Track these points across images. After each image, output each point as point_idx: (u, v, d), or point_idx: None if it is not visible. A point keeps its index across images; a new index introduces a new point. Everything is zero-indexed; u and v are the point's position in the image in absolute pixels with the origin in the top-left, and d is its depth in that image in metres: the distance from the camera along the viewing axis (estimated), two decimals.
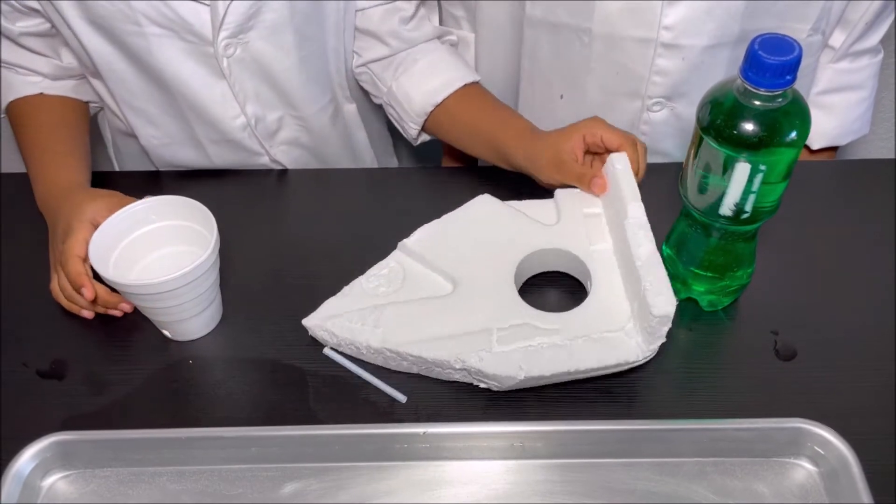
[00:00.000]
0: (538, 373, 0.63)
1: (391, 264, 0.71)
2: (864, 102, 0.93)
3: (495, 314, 0.66)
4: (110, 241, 0.68)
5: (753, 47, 0.55)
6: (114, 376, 0.68)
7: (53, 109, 0.86)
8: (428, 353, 0.65)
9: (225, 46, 0.80)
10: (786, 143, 0.58)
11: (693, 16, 0.78)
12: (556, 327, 0.65)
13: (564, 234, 0.72)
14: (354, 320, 0.67)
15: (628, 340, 0.64)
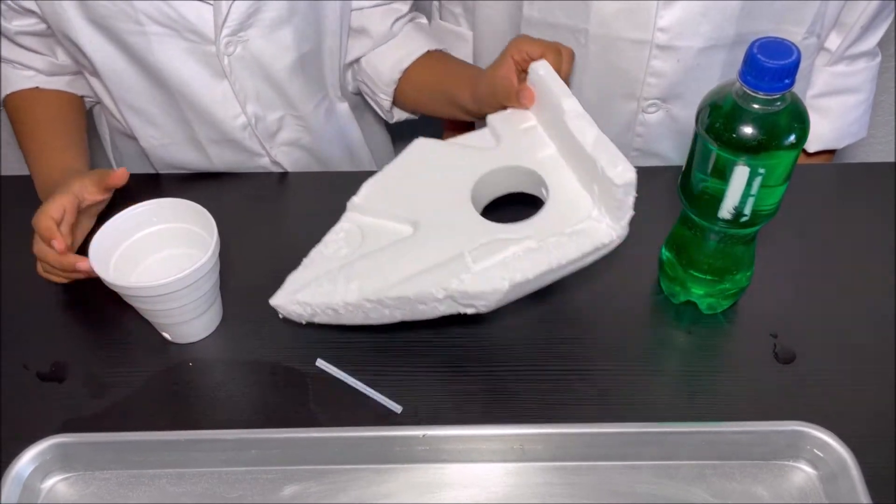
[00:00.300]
0: (522, 278, 0.62)
1: (345, 226, 0.69)
2: (861, 106, 0.93)
3: (463, 239, 0.65)
4: (111, 244, 0.68)
5: (752, 51, 0.55)
6: (114, 378, 0.68)
7: (49, 104, 0.87)
8: (408, 290, 0.63)
9: (226, 45, 0.80)
10: (785, 146, 0.58)
11: (688, 18, 0.79)
12: (527, 234, 0.64)
13: (508, 152, 0.72)
14: (324, 284, 0.66)
15: (598, 225, 0.64)
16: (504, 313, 0.72)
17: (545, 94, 0.71)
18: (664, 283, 0.73)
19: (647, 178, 0.85)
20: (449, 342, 0.70)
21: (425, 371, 0.68)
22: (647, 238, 0.76)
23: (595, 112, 0.88)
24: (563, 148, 0.70)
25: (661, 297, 0.73)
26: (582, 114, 0.67)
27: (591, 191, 0.66)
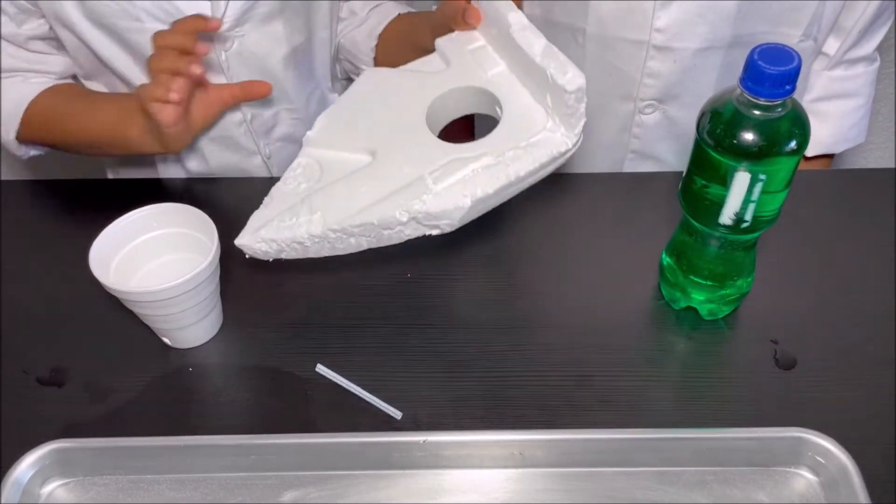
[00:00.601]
0: (482, 193, 0.62)
1: (302, 161, 0.69)
2: (860, 110, 0.93)
3: (421, 162, 0.65)
4: (111, 249, 0.68)
5: (753, 57, 0.55)
6: (113, 384, 0.68)
7: (72, 87, 0.87)
8: (372, 216, 0.63)
9: (224, 40, 0.81)
10: (786, 152, 0.58)
11: (685, 18, 0.79)
12: (484, 151, 0.65)
13: (458, 73, 0.72)
14: (287, 218, 0.65)
15: (553, 135, 0.65)
16: (503, 320, 0.72)
17: (491, 12, 0.70)
18: (664, 289, 0.73)
19: (646, 184, 0.86)
20: (449, 348, 0.70)
21: (425, 376, 0.68)
22: (648, 243, 0.76)
23: (592, 113, 0.89)
24: (512, 64, 0.70)
25: (662, 303, 0.73)
26: (528, 25, 0.67)
27: (544, 103, 0.66)
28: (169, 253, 0.71)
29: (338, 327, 0.72)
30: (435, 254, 0.78)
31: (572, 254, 0.78)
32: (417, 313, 0.73)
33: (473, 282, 0.76)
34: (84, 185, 0.88)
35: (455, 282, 0.76)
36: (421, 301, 0.74)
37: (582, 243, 0.79)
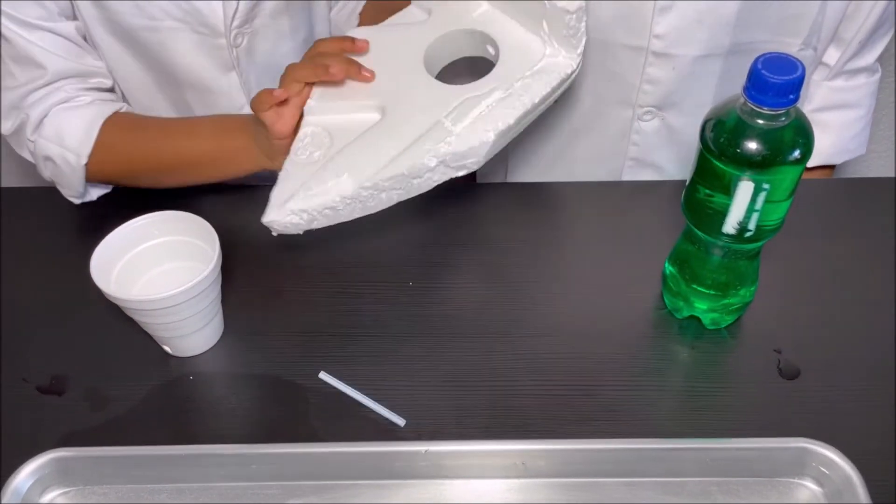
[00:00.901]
0: (504, 125, 0.65)
1: (308, 130, 0.69)
2: (861, 121, 0.93)
3: (435, 107, 0.67)
4: (112, 257, 0.67)
5: (756, 66, 0.55)
6: (114, 392, 0.68)
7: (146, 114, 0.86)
8: (401, 167, 0.64)
9: (235, 37, 0.82)
10: (789, 161, 0.58)
11: (684, 25, 0.79)
12: (493, 86, 0.67)
13: (443, 19, 0.73)
14: (313, 186, 0.65)
15: (556, 59, 0.67)
16: (506, 329, 0.72)
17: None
18: (667, 298, 0.73)
19: (647, 193, 0.86)
20: (452, 356, 0.70)
21: (428, 385, 0.68)
22: (650, 252, 0.76)
23: (591, 118, 0.89)
24: (496, 1, 0.71)
25: (665, 312, 0.73)
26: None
27: (539, 31, 0.69)
28: (170, 261, 0.71)
29: (340, 335, 0.72)
30: (437, 262, 0.78)
31: (574, 262, 0.78)
32: (420, 321, 0.73)
33: (476, 290, 0.76)
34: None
35: (457, 290, 0.76)
36: (424, 309, 0.74)
37: (584, 252, 0.79)
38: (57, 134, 0.79)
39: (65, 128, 0.79)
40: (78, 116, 0.79)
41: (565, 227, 0.82)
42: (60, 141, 0.79)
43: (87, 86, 0.82)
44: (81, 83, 0.81)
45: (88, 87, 0.82)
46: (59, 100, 0.79)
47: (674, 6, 0.78)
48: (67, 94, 0.79)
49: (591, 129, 0.91)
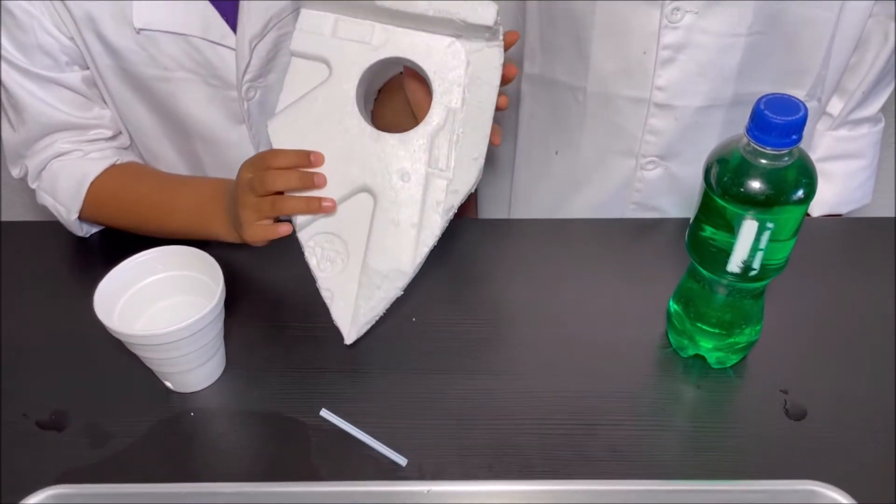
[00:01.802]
0: (483, 144, 0.67)
1: (312, 245, 0.69)
2: (865, 171, 0.93)
3: (413, 161, 0.67)
4: (116, 291, 0.67)
5: (759, 107, 0.55)
6: (114, 428, 0.67)
7: (138, 170, 0.86)
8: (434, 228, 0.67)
9: (246, 90, 0.83)
10: (793, 201, 0.58)
11: (685, 77, 0.80)
12: (444, 107, 0.67)
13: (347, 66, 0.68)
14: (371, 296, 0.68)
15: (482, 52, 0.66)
16: (510, 366, 0.72)
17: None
18: (672, 337, 0.73)
19: (650, 231, 0.86)
20: (455, 394, 0.69)
21: (430, 423, 0.67)
22: (654, 290, 0.76)
23: (593, 168, 0.90)
24: (387, 19, 0.67)
25: (669, 351, 0.73)
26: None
27: (451, 33, 0.66)
28: (174, 296, 0.70)
29: (342, 372, 0.71)
30: (440, 298, 0.78)
31: (578, 300, 0.78)
32: (423, 358, 0.73)
33: (479, 327, 0.75)
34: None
35: (460, 327, 0.75)
36: (426, 346, 0.74)
37: (588, 289, 0.79)
38: (52, 187, 0.82)
39: (58, 183, 0.82)
40: (70, 174, 0.81)
41: (569, 264, 0.82)
42: (54, 194, 0.82)
43: (85, 138, 0.83)
44: (80, 135, 0.83)
45: (87, 138, 0.83)
46: (56, 153, 0.82)
47: (675, 59, 0.79)
48: (64, 147, 0.82)
49: (594, 179, 0.91)
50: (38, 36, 0.76)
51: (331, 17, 0.68)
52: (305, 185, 0.68)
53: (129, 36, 0.77)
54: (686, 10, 0.76)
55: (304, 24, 0.69)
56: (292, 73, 0.70)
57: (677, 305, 0.71)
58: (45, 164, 0.82)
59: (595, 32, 0.81)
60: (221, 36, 0.79)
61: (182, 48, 0.79)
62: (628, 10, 0.78)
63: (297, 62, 0.69)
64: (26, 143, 0.81)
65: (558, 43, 0.85)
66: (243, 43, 0.79)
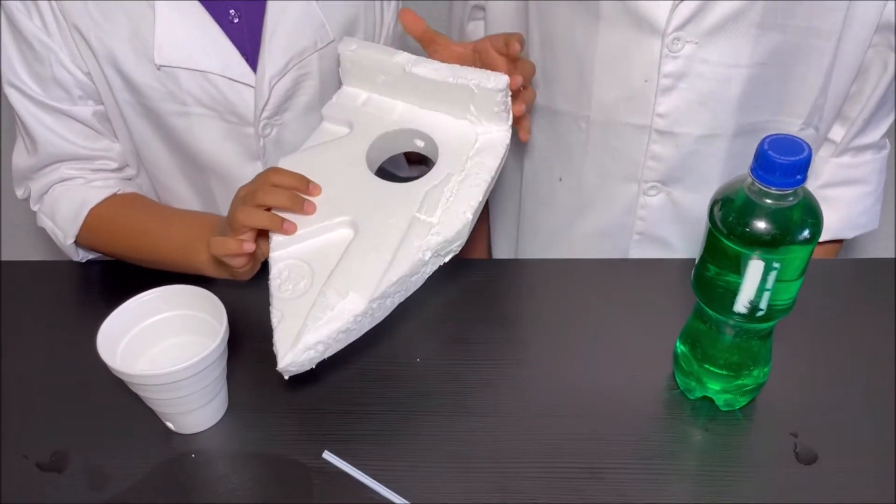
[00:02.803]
0: (476, 202, 0.68)
1: (282, 265, 0.68)
2: (869, 197, 0.93)
3: (404, 206, 0.69)
4: (120, 331, 0.67)
5: (763, 147, 0.56)
6: (114, 470, 0.67)
7: (135, 201, 0.86)
8: (401, 269, 0.65)
9: (263, 127, 0.84)
10: (799, 241, 0.57)
11: (685, 105, 0.80)
12: (446, 172, 0.71)
13: (367, 127, 0.75)
14: (320, 315, 0.64)
15: (492, 135, 0.73)
16: (515, 408, 0.71)
17: (368, 63, 0.76)
18: (679, 378, 0.72)
19: (656, 270, 0.86)
20: (459, 437, 0.69)
21: (434, 465, 0.66)
22: (660, 330, 0.75)
23: (596, 193, 0.90)
24: (413, 98, 0.76)
25: (677, 393, 0.72)
26: (419, 58, 0.74)
27: (465, 115, 0.73)
28: (177, 335, 0.70)
29: (346, 413, 0.71)
30: (444, 339, 0.78)
31: (584, 341, 0.77)
32: (426, 399, 0.72)
33: (483, 368, 0.75)
34: (89, 266, 0.88)
35: (464, 368, 0.75)
36: (430, 387, 0.73)
37: (593, 330, 0.78)
38: (51, 211, 0.84)
39: (58, 207, 0.83)
40: (71, 199, 0.83)
41: (575, 304, 0.81)
42: (53, 218, 0.84)
43: (90, 167, 0.85)
44: (85, 164, 0.84)
45: (92, 168, 0.85)
46: (59, 178, 0.84)
47: (676, 87, 0.79)
48: (68, 173, 0.84)
49: (597, 204, 0.92)
50: (54, 69, 0.78)
51: (364, 94, 0.78)
52: (294, 207, 0.69)
53: (149, 72, 0.79)
54: (686, 41, 0.77)
55: (340, 97, 0.78)
56: (318, 132, 0.77)
57: (684, 346, 0.70)
58: (48, 188, 0.84)
59: (597, 62, 0.82)
60: (240, 74, 0.80)
61: (201, 85, 0.80)
62: (629, 41, 0.79)
63: (324, 125, 0.77)
64: (33, 167, 0.83)
65: (560, 73, 0.87)
66: (263, 81, 0.81)
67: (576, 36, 0.83)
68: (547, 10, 0.85)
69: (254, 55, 0.81)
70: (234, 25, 0.80)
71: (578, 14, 0.81)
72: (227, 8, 0.80)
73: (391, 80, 0.75)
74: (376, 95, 0.77)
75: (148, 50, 0.77)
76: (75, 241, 0.84)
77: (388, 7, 0.90)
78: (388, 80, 0.76)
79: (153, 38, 0.77)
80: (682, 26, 0.76)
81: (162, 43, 0.77)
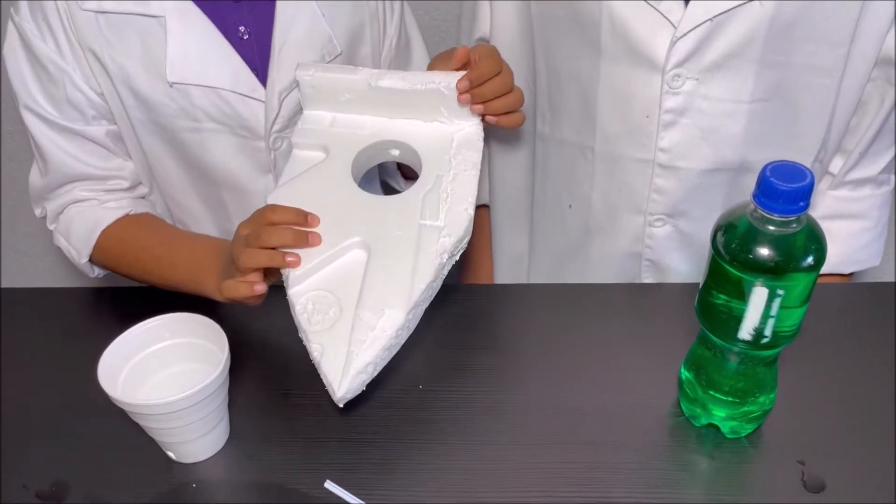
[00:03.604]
0: (473, 196, 0.71)
1: (303, 300, 0.68)
2: (869, 233, 0.92)
3: (407, 216, 0.71)
4: (120, 360, 0.67)
5: (765, 174, 0.55)
6: (115, 500, 0.66)
7: (154, 219, 0.89)
8: (427, 276, 0.67)
9: (274, 140, 0.85)
10: (803, 267, 0.57)
11: (688, 140, 0.81)
12: (436, 174, 0.73)
13: (343, 149, 0.76)
14: (364, 337, 0.65)
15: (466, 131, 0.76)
16: (518, 436, 0.70)
17: (327, 83, 0.77)
18: (684, 405, 0.71)
19: (660, 295, 0.85)
20: (462, 465, 0.68)
21: (437, 494, 0.66)
22: (665, 356, 0.75)
23: (604, 221, 0.90)
24: (380, 110, 0.78)
25: (682, 419, 0.71)
26: (381, 72, 0.76)
27: (436, 117, 0.77)
28: (178, 363, 0.70)
29: (347, 441, 0.70)
30: (446, 365, 0.77)
31: (588, 367, 0.77)
32: (429, 427, 0.71)
33: (486, 395, 0.74)
34: (91, 293, 0.88)
35: (467, 394, 0.74)
36: (432, 414, 0.72)
37: (597, 356, 0.78)
38: (66, 230, 0.86)
39: (73, 227, 0.86)
40: (84, 220, 0.85)
41: (579, 330, 0.81)
42: (68, 238, 0.86)
43: (103, 187, 0.86)
44: (98, 185, 0.86)
45: (105, 188, 0.87)
46: (74, 199, 0.86)
47: (677, 122, 0.79)
48: (82, 194, 0.86)
49: (605, 231, 0.92)
50: (67, 90, 0.80)
51: (329, 115, 0.79)
52: (299, 243, 0.69)
53: (161, 89, 0.80)
54: (687, 77, 0.77)
55: (306, 122, 0.79)
56: (292, 161, 0.77)
57: (688, 373, 0.70)
58: (63, 208, 0.86)
59: (600, 96, 0.82)
60: (251, 89, 0.82)
61: (212, 100, 0.81)
62: (631, 76, 0.80)
63: (297, 153, 0.77)
64: (48, 187, 0.85)
65: (566, 105, 0.87)
66: (273, 95, 0.82)
67: (580, 70, 0.83)
68: (552, 43, 0.85)
69: (263, 70, 0.83)
70: (244, 42, 0.82)
71: (581, 48, 0.82)
72: (237, 24, 0.81)
73: (356, 97, 0.77)
74: (341, 114, 0.79)
75: (160, 67, 0.79)
76: (90, 259, 0.86)
77: (392, 20, 0.92)
78: (353, 98, 0.77)
79: (164, 55, 0.78)
80: (681, 63, 0.77)
81: (173, 60, 0.78)
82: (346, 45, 0.86)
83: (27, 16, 0.78)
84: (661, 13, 0.75)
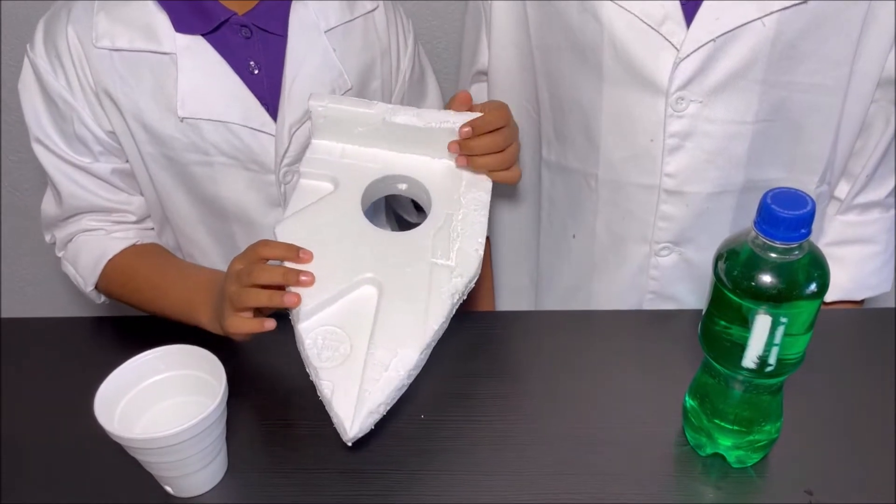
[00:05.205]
0: (481, 236, 0.72)
1: (313, 335, 0.67)
2: (879, 257, 0.91)
3: (419, 254, 0.71)
4: (116, 394, 0.66)
5: (766, 201, 0.55)
6: None
7: (159, 250, 0.90)
8: (439, 316, 0.67)
9: (284, 174, 0.86)
10: (806, 295, 0.56)
11: (694, 164, 0.80)
12: (447, 212, 0.74)
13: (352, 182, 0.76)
14: (375, 377, 0.65)
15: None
16: (521, 466, 0.69)
17: (344, 115, 0.77)
18: (689, 434, 0.70)
19: (664, 323, 0.85)
20: (465, 496, 0.67)
21: None
22: (670, 384, 0.74)
23: (609, 253, 0.89)
24: (391, 144, 0.78)
25: (687, 449, 0.70)
26: (395, 107, 0.76)
27: (445, 155, 0.77)
28: (176, 395, 0.69)
29: (348, 472, 0.69)
30: (450, 394, 0.76)
31: (592, 395, 0.76)
32: (431, 458, 0.70)
33: (490, 424, 0.73)
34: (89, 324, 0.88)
35: (471, 424, 0.73)
36: (435, 444, 0.71)
37: (602, 384, 0.77)
38: (74, 259, 0.88)
39: (80, 256, 0.87)
40: (91, 249, 0.87)
41: (583, 358, 0.80)
42: (75, 266, 0.89)
43: (111, 219, 0.88)
44: (104, 216, 0.88)
45: (113, 220, 0.88)
46: (83, 228, 0.87)
47: (683, 146, 0.79)
48: (90, 224, 0.88)
49: (610, 264, 0.90)
50: (75, 126, 0.82)
51: (339, 146, 0.79)
52: (289, 281, 0.69)
53: (172, 124, 0.81)
54: (691, 100, 0.77)
55: (314, 151, 0.78)
56: (299, 190, 0.76)
57: (693, 401, 0.69)
58: (72, 237, 0.88)
59: (602, 122, 0.82)
60: (261, 123, 0.82)
61: (223, 135, 0.82)
62: (634, 100, 0.79)
63: (304, 182, 0.77)
64: (58, 217, 0.88)
65: (569, 132, 0.87)
66: (283, 129, 0.82)
67: (581, 95, 0.83)
68: (552, 70, 0.85)
69: (274, 104, 0.83)
70: (254, 76, 0.82)
71: (583, 74, 0.82)
72: (248, 59, 0.82)
73: (368, 131, 0.77)
74: (350, 146, 0.78)
75: (171, 103, 0.80)
76: (95, 287, 0.88)
77: (405, 54, 0.92)
78: (366, 131, 0.77)
79: (176, 91, 0.79)
80: (684, 85, 0.76)
81: (184, 96, 0.79)
82: (357, 80, 0.86)
83: (41, 53, 0.80)
84: (664, 35, 0.75)
